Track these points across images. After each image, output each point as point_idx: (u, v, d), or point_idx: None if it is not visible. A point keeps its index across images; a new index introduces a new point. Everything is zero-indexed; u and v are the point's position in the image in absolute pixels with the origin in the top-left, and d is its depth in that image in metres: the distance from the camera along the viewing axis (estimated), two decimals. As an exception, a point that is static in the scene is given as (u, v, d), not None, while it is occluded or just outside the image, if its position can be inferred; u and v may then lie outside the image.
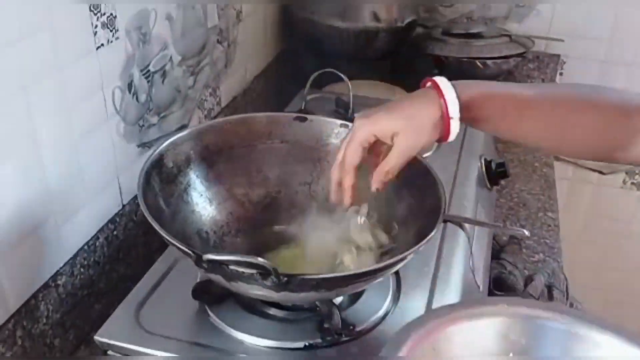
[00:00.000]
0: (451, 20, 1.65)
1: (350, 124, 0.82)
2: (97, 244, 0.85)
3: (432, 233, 0.63)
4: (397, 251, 0.66)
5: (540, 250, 1.09)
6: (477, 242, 0.91)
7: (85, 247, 0.82)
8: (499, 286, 0.93)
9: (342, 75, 0.92)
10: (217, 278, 0.60)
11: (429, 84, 0.68)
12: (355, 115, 0.69)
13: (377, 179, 0.68)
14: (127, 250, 0.92)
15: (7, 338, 0.69)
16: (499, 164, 1.08)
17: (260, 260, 0.53)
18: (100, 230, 0.85)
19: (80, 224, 0.81)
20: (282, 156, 0.82)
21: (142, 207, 0.61)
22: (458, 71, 1.42)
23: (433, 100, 0.66)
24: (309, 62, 1.34)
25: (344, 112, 1.12)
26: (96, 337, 0.66)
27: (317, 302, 0.69)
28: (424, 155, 1.03)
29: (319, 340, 0.66)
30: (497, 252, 1.03)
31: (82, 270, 0.82)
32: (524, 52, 1.45)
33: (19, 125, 0.69)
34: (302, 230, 0.76)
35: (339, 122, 0.83)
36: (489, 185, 1.08)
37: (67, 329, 0.80)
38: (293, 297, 0.61)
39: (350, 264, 0.70)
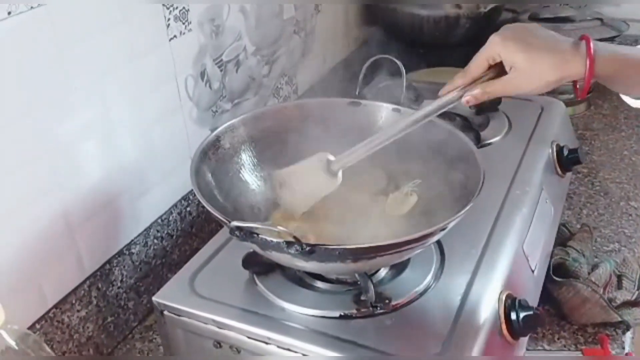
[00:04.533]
0: (544, 4, 1.60)
1: (402, 109, 0.85)
2: (171, 218, 0.93)
3: (462, 212, 0.64)
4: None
5: (617, 240, 1.05)
6: (538, 226, 0.90)
7: (159, 220, 0.91)
8: (561, 273, 0.91)
9: (397, 61, 0.94)
10: (253, 247, 0.65)
11: (583, 40, 0.69)
12: (503, 27, 0.71)
13: (474, 94, 0.71)
14: (200, 226, 0.99)
15: (82, 297, 0.79)
16: (571, 150, 1.05)
17: (280, 228, 0.58)
18: (174, 206, 0.93)
19: (154, 200, 0.90)
20: (335, 140, 0.85)
21: (191, 179, 0.68)
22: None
23: (577, 58, 0.67)
24: (391, 51, 1.36)
25: (413, 99, 1.14)
26: (154, 298, 0.73)
27: (356, 276, 0.72)
28: (493, 140, 1.05)
29: (354, 311, 0.69)
30: (566, 240, 1.00)
31: (155, 241, 0.90)
32: (617, 36, 1.39)
33: (98, 109, 0.78)
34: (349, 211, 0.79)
35: (392, 106, 0.85)
36: (560, 172, 1.05)
37: (141, 293, 0.89)
38: (324, 267, 0.65)
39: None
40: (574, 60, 0.67)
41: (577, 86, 0.72)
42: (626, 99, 0.77)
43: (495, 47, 0.69)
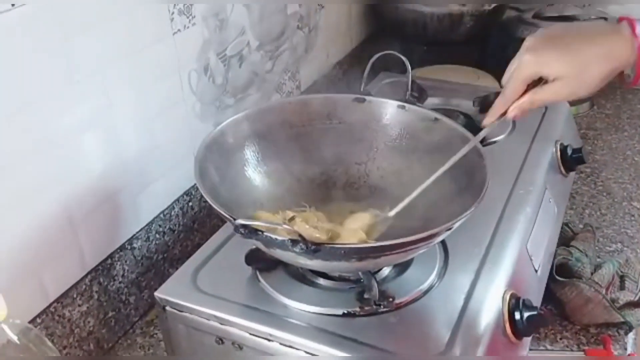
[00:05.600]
0: (548, 3, 1.59)
1: (407, 106, 0.85)
2: (173, 213, 0.92)
3: (468, 212, 0.64)
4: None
5: (619, 240, 1.05)
6: (541, 226, 0.89)
7: (161, 215, 0.90)
8: (564, 272, 0.91)
9: (402, 57, 0.94)
10: (257, 244, 0.65)
11: (624, 22, 0.65)
12: (527, 40, 0.67)
13: (520, 107, 0.68)
14: (202, 221, 0.99)
15: (84, 292, 0.78)
16: (575, 149, 1.05)
17: (285, 226, 0.57)
18: (176, 201, 0.93)
19: (156, 194, 0.89)
20: (339, 136, 0.85)
21: (195, 173, 0.68)
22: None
23: (622, 42, 0.63)
24: (394, 48, 1.36)
25: (417, 96, 1.13)
26: (156, 294, 0.73)
27: (360, 274, 0.72)
28: (497, 139, 1.04)
29: (357, 309, 0.69)
30: (569, 239, 1.00)
31: (157, 236, 0.90)
32: (621, 35, 1.38)
33: (100, 101, 0.77)
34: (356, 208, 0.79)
35: (397, 103, 0.85)
36: (563, 171, 1.05)
37: (142, 289, 0.89)
38: (329, 265, 0.65)
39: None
40: (619, 47, 0.62)
41: (625, 74, 0.67)
42: None
43: (530, 67, 0.65)
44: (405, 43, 1.38)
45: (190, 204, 0.96)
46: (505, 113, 0.71)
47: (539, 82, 0.68)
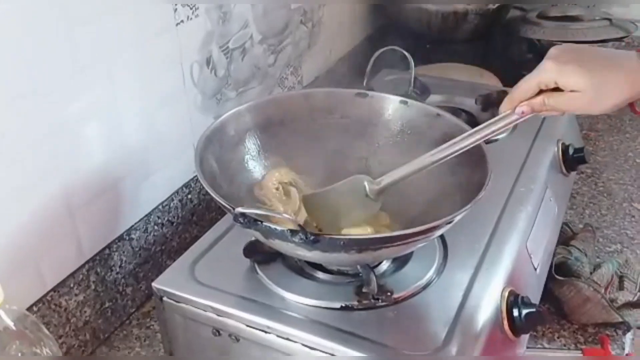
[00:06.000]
0: (553, 3, 1.59)
1: (409, 101, 0.84)
2: (172, 205, 0.92)
3: (469, 206, 0.63)
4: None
5: (619, 241, 1.05)
6: (542, 224, 0.89)
7: (160, 207, 0.90)
8: (563, 271, 0.91)
9: (405, 53, 0.94)
10: (256, 235, 0.65)
11: None
12: (552, 49, 0.66)
13: (532, 104, 0.67)
14: (200, 214, 0.99)
15: (81, 281, 0.78)
16: (577, 149, 1.05)
17: (285, 215, 0.57)
18: (175, 193, 0.93)
19: (155, 186, 0.89)
20: (341, 130, 0.85)
21: (195, 163, 0.68)
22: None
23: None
24: (398, 45, 1.35)
25: (420, 93, 1.13)
26: (154, 284, 0.73)
27: (359, 268, 0.71)
28: (499, 137, 1.04)
29: (355, 303, 0.69)
30: (568, 239, 1.00)
31: (155, 227, 0.90)
32: (625, 37, 1.38)
33: (103, 90, 0.77)
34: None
35: (399, 98, 0.85)
36: (564, 171, 1.04)
37: (140, 280, 0.89)
38: (328, 257, 0.65)
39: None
40: None
41: (636, 105, 0.68)
42: None
43: (550, 74, 0.64)
44: (409, 41, 1.37)
45: (189, 196, 0.96)
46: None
47: (554, 91, 0.67)
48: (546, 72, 0.65)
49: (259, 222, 0.60)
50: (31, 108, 0.67)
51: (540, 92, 0.66)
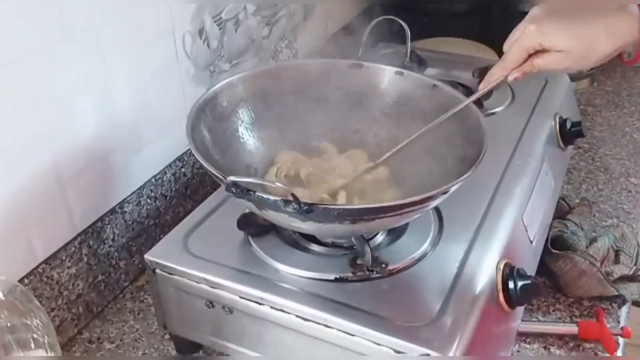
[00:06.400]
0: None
1: (405, 72, 0.83)
2: (165, 178, 0.91)
3: (465, 176, 0.63)
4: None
5: (615, 216, 1.05)
6: (538, 197, 0.89)
7: (153, 180, 0.89)
8: (559, 245, 0.90)
9: (401, 22, 0.92)
10: (249, 205, 0.64)
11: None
12: (532, 10, 0.67)
13: (521, 69, 0.68)
14: (194, 188, 0.98)
15: (73, 254, 0.77)
16: (574, 123, 1.04)
17: (278, 184, 0.56)
18: (168, 166, 0.92)
19: (148, 158, 0.88)
20: (336, 102, 0.84)
21: (187, 133, 0.66)
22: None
23: (629, 20, 0.62)
24: (395, 19, 1.33)
25: (416, 66, 1.12)
26: (146, 256, 0.72)
27: (353, 240, 0.71)
28: (496, 110, 1.03)
29: (350, 275, 0.68)
30: (565, 214, 0.99)
31: (148, 201, 0.89)
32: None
33: (94, 60, 0.75)
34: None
35: (395, 69, 0.83)
36: (562, 145, 1.04)
37: (133, 253, 0.88)
38: (322, 228, 0.64)
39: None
40: (626, 25, 0.62)
41: (625, 52, 0.68)
42: None
43: (533, 38, 0.65)
44: (406, 15, 1.35)
45: (182, 170, 0.95)
46: (503, 81, 0.70)
47: (541, 52, 0.67)
48: (530, 36, 0.65)
49: (252, 192, 0.59)
50: (20, 77, 0.66)
51: (529, 55, 0.66)
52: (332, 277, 0.68)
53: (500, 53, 0.73)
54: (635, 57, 0.67)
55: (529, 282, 0.71)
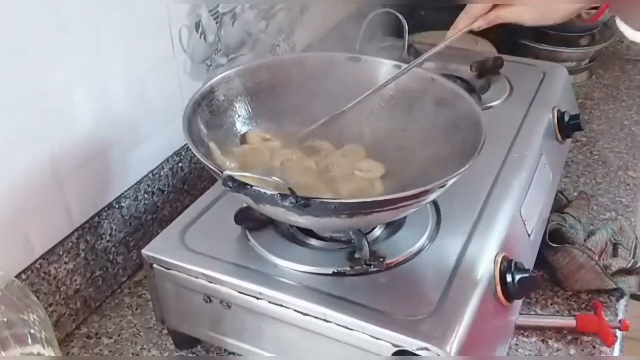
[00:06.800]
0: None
1: (403, 65, 0.83)
2: (162, 173, 0.91)
3: (462, 170, 0.62)
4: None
5: (613, 209, 1.05)
6: (536, 191, 0.88)
7: (150, 174, 0.89)
8: (557, 238, 0.90)
9: (399, 15, 0.92)
10: (246, 200, 0.63)
11: None
12: None
13: (485, 18, 0.72)
14: (192, 183, 0.98)
15: (70, 249, 0.77)
16: (572, 116, 1.04)
17: (274, 178, 0.56)
18: (165, 161, 0.91)
19: (145, 153, 0.87)
20: (333, 96, 0.83)
21: (184, 127, 0.66)
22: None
23: None
24: (393, 13, 1.33)
25: (414, 59, 1.11)
26: (143, 251, 0.72)
27: (351, 234, 0.71)
28: (494, 104, 1.03)
29: (348, 269, 0.68)
30: (563, 207, 0.99)
31: (146, 195, 0.88)
32: None
33: (91, 54, 0.75)
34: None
35: (393, 62, 0.83)
36: (560, 138, 1.03)
37: (131, 248, 0.88)
38: (319, 222, 0.64)
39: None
40: None
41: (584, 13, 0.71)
42: (626, 30, 0.70)
43: None
44: (403, 8, 1.35)
45: (180, 164, 0.94)
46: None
47: (507, 5, 0.70)
48: None
49: (248, 186, 0.59)
50: (17, 71, 0.66)
51: (494, 6, 0.70)
52: (330, 271, 0.68)
53: (497, 46, 0.73)
54: (595, 15, 0.69)
55: (526, 275, 0.71)
